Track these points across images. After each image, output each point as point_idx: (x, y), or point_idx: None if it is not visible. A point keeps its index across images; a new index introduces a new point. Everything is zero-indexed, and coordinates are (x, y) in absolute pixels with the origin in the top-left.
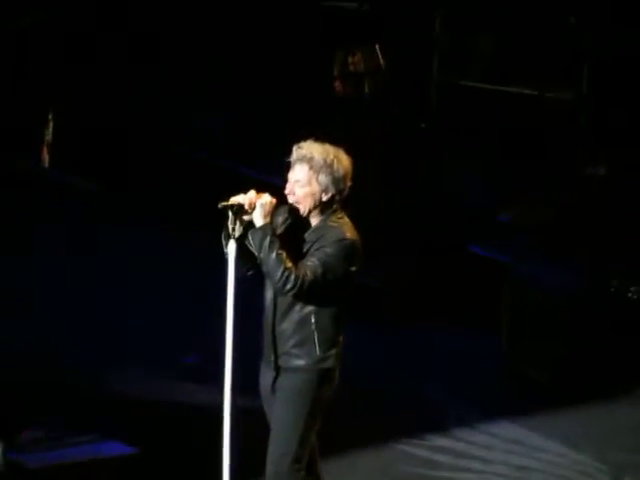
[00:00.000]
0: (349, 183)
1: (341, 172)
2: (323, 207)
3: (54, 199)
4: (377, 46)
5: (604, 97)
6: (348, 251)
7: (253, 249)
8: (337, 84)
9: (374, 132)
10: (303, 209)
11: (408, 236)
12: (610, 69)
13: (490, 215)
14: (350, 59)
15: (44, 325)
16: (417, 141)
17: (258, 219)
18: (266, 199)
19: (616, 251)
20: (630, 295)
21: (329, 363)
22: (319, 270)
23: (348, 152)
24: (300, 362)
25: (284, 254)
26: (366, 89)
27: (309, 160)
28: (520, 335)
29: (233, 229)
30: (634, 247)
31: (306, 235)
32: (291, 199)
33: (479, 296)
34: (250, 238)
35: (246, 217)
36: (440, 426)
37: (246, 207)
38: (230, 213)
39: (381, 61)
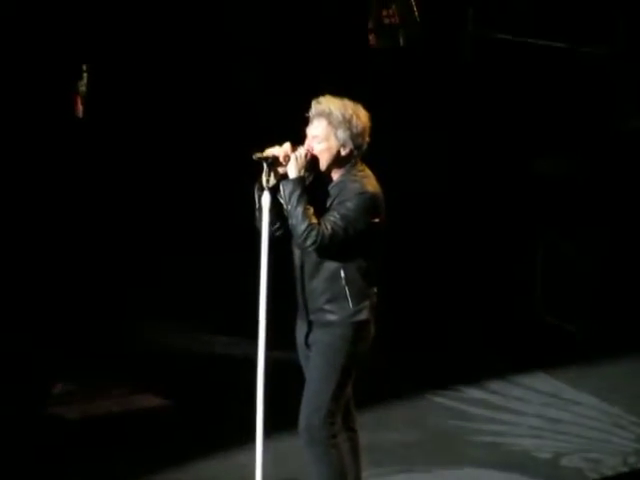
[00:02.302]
0: (367, 138)
1: (360, 127)
2: (342, 162)
3: None
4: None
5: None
6: (369, 204)
7: (283, 201)
8: (371, 37)
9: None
10: (322, 164)
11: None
12: None
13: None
14: (385, 12)
15: None
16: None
17: (292, 171)
18: (301, 152)
19: None
20: None
21: (363, 315)
22: (340, 224)
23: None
24: (333, 317)
25: (311, 210)
26: (401, 42)
27: (328, 115)
28: (554, 290)
29: (267, 180)
30: None
31: (328, 190)
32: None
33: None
34: (281, 189)
35: (281, 169)
36: (474, 379)
37: (281, 159)
38: (265, 165)
39: (416, 13)
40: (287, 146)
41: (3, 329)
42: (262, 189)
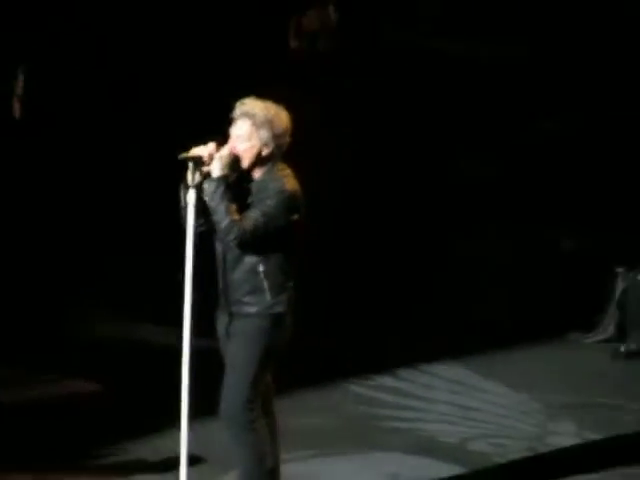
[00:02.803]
0: (288, 139)
1: (281, 128)
2: (264, 161)
3: None
4: (330, 6)
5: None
6: (289, 202)
7: (207, 198)
8: (292, 42)
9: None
10: (245, 163)
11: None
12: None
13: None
14: (305, 18)
15: None
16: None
17: (216, 170)
18: (224, 152)
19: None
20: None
21: (280, 308)
22: (261, 220)
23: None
24: (252, 309)
25: (233, 206)
26: (319, 47)
27: (251, 116)
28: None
29: (192, 179)
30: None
31: (250, 187)
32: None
33: None
34: (205, 188)
35: (205, 168)
36: (385, 366)
37: (205, 159)
38: (190, 164)
39: (333, 20)
40: (211, 146)
41: None
42: (187, 187)
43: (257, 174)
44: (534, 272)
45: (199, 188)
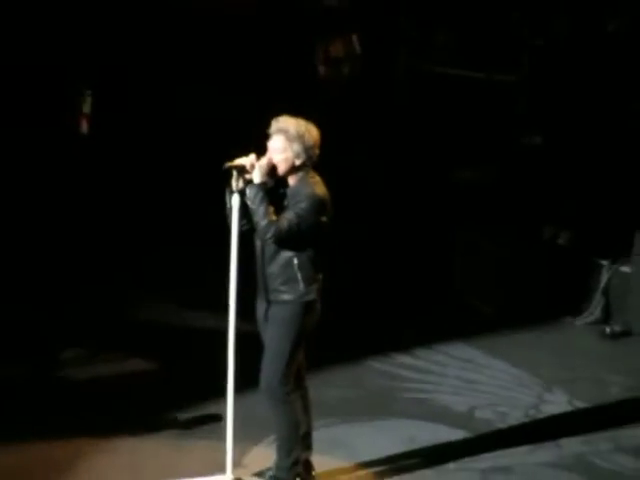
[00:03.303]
0: (317, 151)
1: (311, 142)
2: (297, 170)
3: None
4: (354, 36)
5: (541, 80)
6: (318, 205)
7: (248, 202)
8: (320, 68)
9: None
10: (281, 172)
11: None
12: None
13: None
14: (331, 47)
15: None
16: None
17: (256, 177)
18: (263, 162)
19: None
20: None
21: (311, 296)
22: (295, 221)
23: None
24: (287, 296)
25: (271, 208)
26: (344, 72)
27: (285, 131)
28: (470, 276)
29: (236, 185)
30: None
31: (286, 192)
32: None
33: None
34: (247, 192)
35: (247, 176)
36: (404, 347)
37: (247, 168)
38: (234, 172)
39: (357, 49)
40: (252, 157)
41: (19, 304)
42: (232, 192)
43: (291, 181)
44: (533, 266)
45: (242, 193)
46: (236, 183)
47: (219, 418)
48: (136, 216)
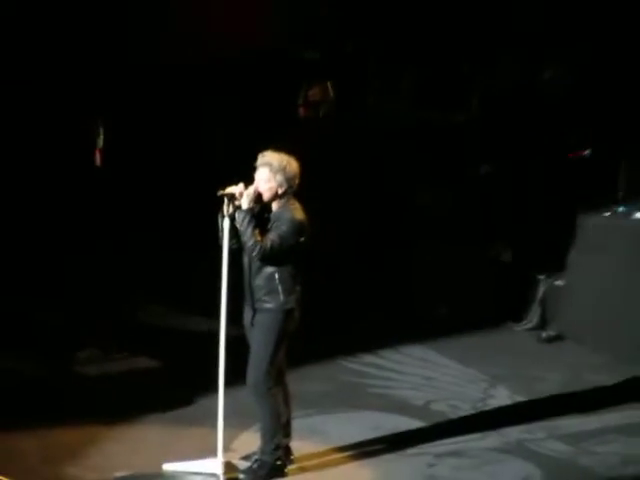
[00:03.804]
0: (297, 181)
1: (292, 173)
2: (280, 197)
3: None
4: (329, 82)
5: (489, 120)
6: (297, 228)
7: (237, 224)
8: (301, 109)
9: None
10: (266, 199)
11: None
12: (494, 100)
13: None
14: (310, 92)
15: None
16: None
17: (244, 204)
18: (250, 191)
19: None
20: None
21: (290, 305)
22: (277, 241)
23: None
24: (270, 305)
25: (257, 230)
26: (321, 113)
27: (269, 165)
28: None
29: (227, 210)
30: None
31: (270, 216)
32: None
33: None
34: (237, 216)
35: (237, 202)
36: (369, 347)
37: (237, 195)
38: (226, 199)
39: (331, 93)
40: (241, 186)
41: (45, 311)
42: (224, 216)
43: (274, 207)
44: (481, 279)
45: (232, 217)
46: (227, 208)
47: (211, 409)
48: (144, 233)
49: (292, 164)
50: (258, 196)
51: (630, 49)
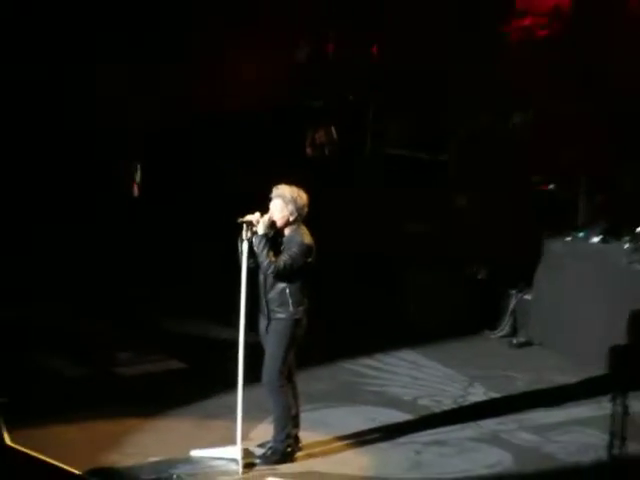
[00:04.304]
0: (306, 209)
1: (301, 203)
2: (291, 224)
3: None
4: (332, 127)
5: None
6: (306, 250)
7: (254, 247)
8: (308, 150)
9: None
10: (279, 225)
11: None
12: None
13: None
14: (316, 135)
15: None
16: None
17: (260, 230)
18: (265, 218)
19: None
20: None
21: (299, 315)
22: (288, 262)
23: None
24: (281, 315)
25: (271, 252)
26: (326, 153)
27: (282, 196)
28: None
29: (246, 235)
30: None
31: (282, 240)
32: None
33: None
34: (254, 240)
35: (254, 228)
36: (366, 351)
37: (254, 222)
38: (244, 226)
39: (335, 136)
40: (257, 214)
41: (89, 319)
42: (242, 240)
43: (286, 232)
44: (460, 294)
45: (250, 241)
46: (245, 233)
47: (232, 404)
48: (178, 256)
49: (302, 195)
50: (272, 223)
51: None
